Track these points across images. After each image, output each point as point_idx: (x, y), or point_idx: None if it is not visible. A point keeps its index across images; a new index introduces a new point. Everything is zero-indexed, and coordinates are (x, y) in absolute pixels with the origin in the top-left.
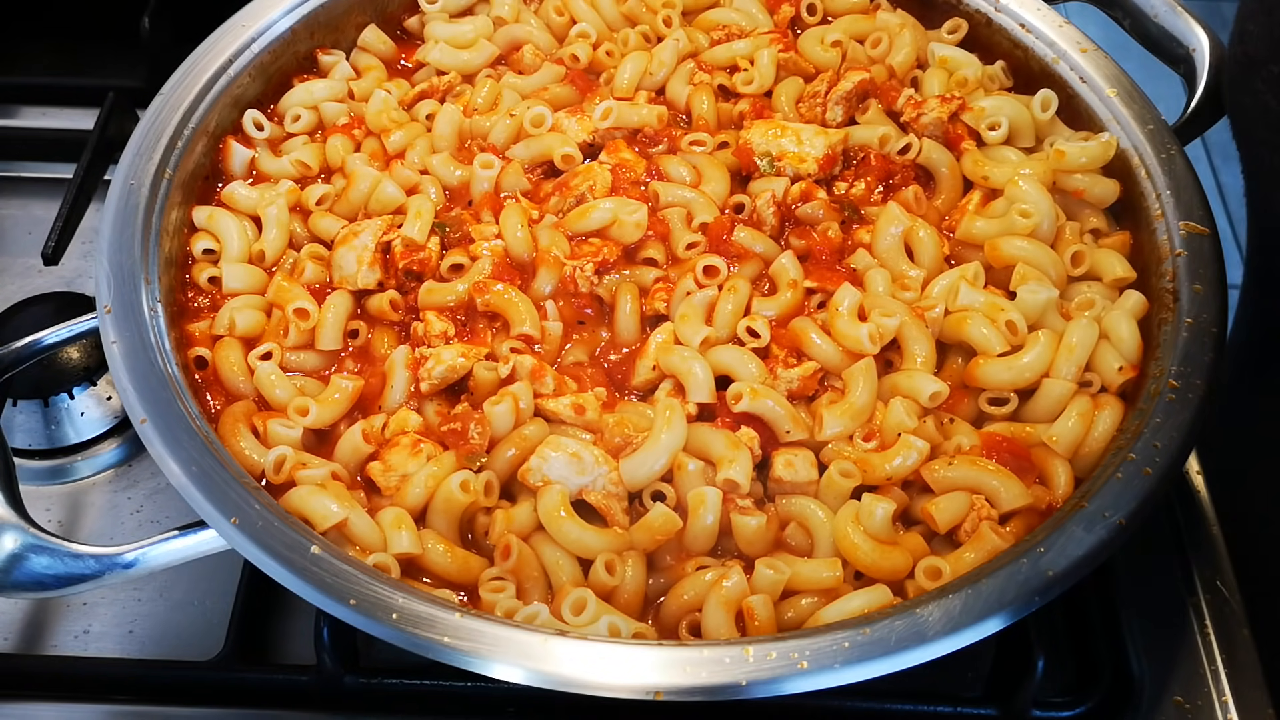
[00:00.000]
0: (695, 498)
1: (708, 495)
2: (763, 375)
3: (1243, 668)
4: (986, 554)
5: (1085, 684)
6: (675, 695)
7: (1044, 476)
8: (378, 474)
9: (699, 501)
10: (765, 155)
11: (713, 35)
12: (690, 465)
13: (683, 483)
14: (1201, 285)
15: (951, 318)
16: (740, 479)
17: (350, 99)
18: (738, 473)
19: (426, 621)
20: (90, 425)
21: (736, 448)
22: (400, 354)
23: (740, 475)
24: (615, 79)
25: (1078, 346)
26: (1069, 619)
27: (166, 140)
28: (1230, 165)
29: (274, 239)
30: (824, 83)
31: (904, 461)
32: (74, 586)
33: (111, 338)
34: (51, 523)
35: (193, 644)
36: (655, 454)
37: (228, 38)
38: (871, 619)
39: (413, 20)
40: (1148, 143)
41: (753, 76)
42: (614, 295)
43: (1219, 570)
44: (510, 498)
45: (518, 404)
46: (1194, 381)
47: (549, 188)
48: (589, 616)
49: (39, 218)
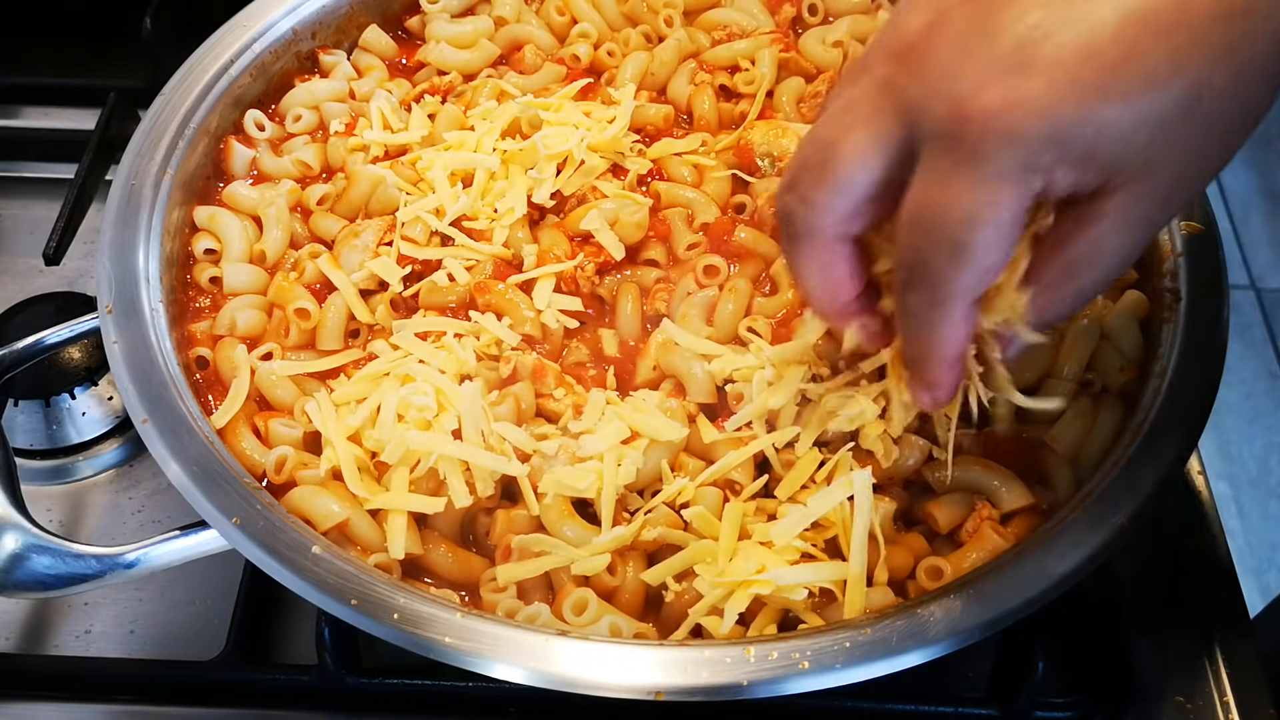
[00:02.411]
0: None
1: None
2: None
3: (1244, 667)
4: (988, 554)
5: (1086, 684)
6: (676, 695)
7: (1045, 477)
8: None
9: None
10: (766, 155)
11: (714, 35)
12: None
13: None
14: (1202, 285)
15: None
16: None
17: (351, 99)
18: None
19: (428, 621)
20: (91, 425)
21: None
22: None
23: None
24: (617, 78)
25: (1078, 347)
26: (1070, 619)
27: (168, 140)
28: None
29: (275, 239)
30: (825, 83)
31: (905, 461)
32: (75, 586)
33: (113, 338)
34: (53, 523)
35: (194, 644)
36: (656, 454)
37: (229, 38)
38: (872, 619)
39: (414, 20)
40: None
41: (753, 76)
42: (615, 295)
43: (1221, 570)
44: (511, 498)
45: (519, 404)
46: (1196, 381)
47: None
48: (590, 617)
49: (40, 218)
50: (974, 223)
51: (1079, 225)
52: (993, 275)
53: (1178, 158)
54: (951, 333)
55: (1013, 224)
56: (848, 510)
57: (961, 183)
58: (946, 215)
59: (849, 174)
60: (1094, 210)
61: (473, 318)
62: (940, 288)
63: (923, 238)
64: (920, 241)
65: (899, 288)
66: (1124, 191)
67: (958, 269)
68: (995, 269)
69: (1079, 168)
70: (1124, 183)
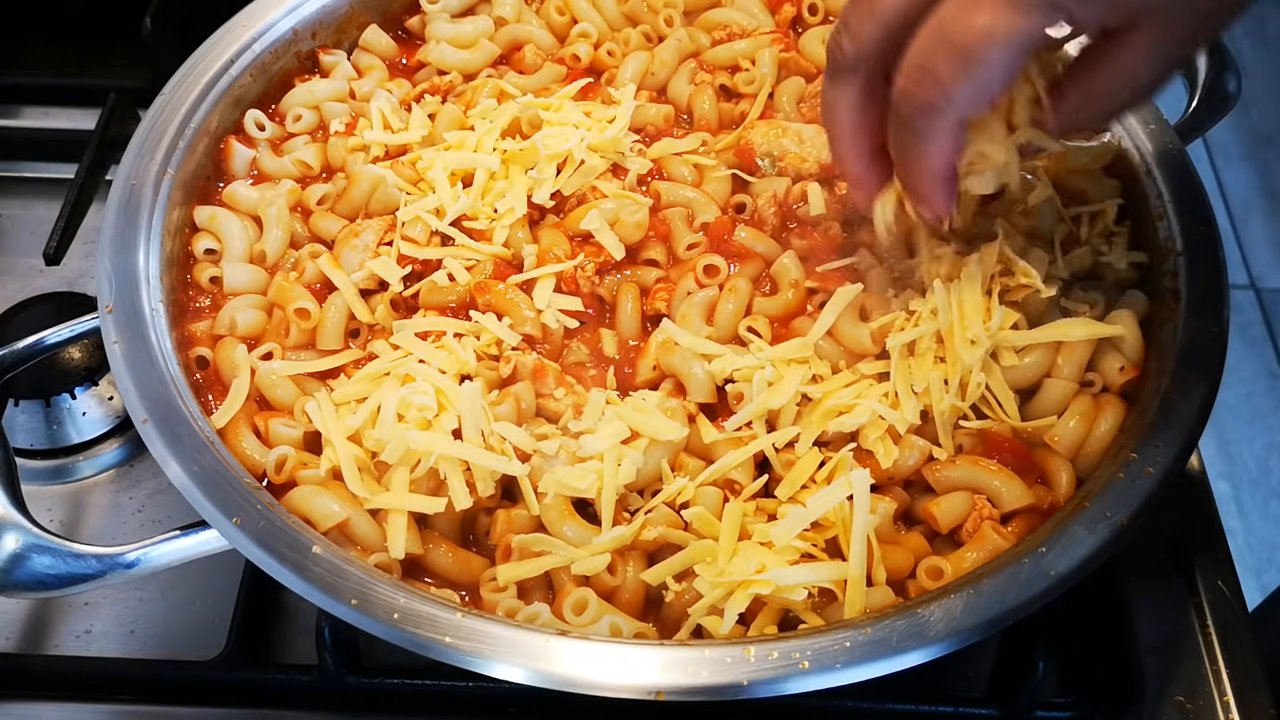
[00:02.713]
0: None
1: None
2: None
3: (1245, 667)
4: (988, 554)
5: (1087, 684)
6: (677, 695)
7: (1046, 476)
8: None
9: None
10: (767, 155)
11: (714, 35)
12: (691, 465)
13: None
14: (1203, 285)
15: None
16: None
17: (351, 99)
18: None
19: (428, 621)
20: (92, 425)
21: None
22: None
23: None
24: (617, 78)
25: (1079, 346)
26: (1071, 619)
27: (168, 140)
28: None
29: (275, 239)
30: None
31: (905, 461)
32: (76, 586)
33: (113, 337)
34: (53, 522)
35: (194, 644)
36: (656, 453)
37: (229, 38)
38: (873, 619)
39: (414, 20)
40: (1149, 142)
41: (754, 76)
42: (615, 295)
43: (1221, 570)
44: (511, 498)
45: (519, 404)
46: (1196, 381)
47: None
48: (590, 616)
49: (41, 218)
50: (990, 39)
51: (1106, 56)
52: (987, 100)
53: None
54: (941, 147)
55: (1023, 51)
56: (847, 510)
57: (990, 4)
58: (966, 26)
59: (889, 3)
60: (1121, 43)
61: (473, 318)
62: (941, 95)
63: (938, 43)
64: (934, 47)
65: (898, 95)
66: (1146, 30)
67: (961, 79)
68: (994, 90)
69: (1103, 7)
70: (1147, 24)
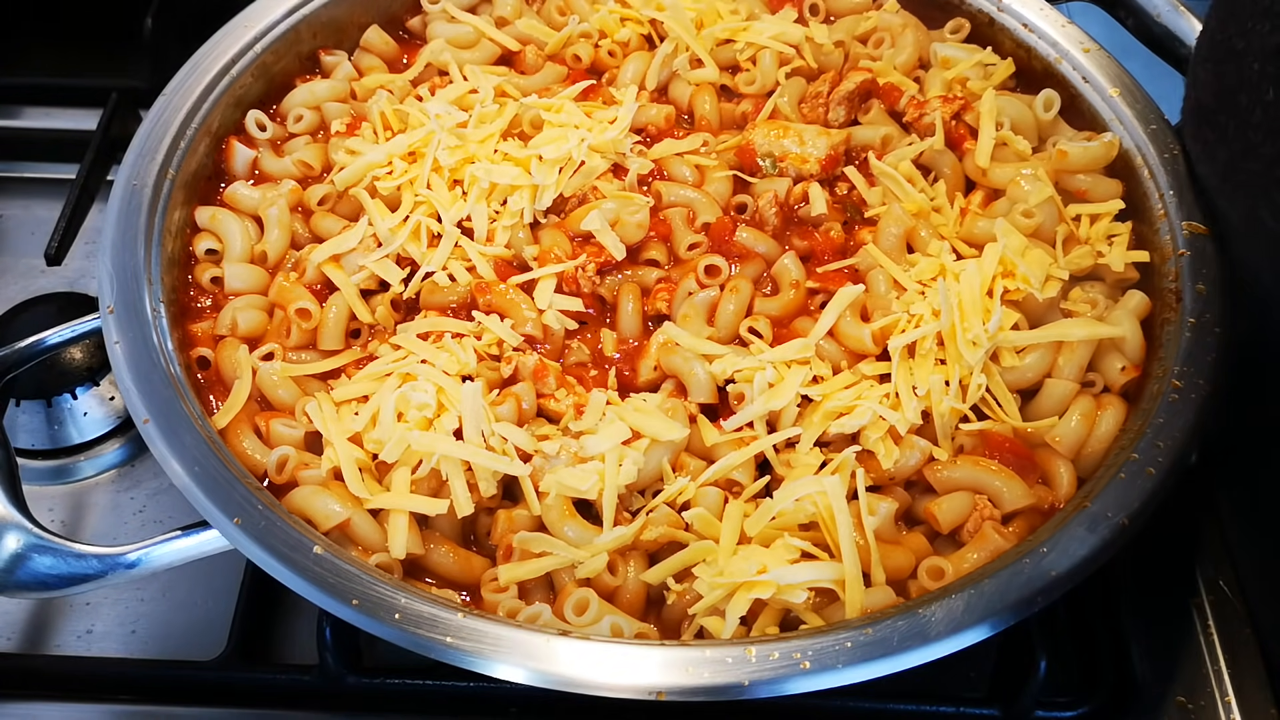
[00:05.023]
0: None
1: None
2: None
3: (1245, 667)
4: (989, 554)
5: (1088, 684)
6: (677, 695)
7: (1046, 477)
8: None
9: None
10: (768, 156)
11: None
12: (692, 465)
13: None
14: (1204, 285)
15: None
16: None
17: (352, 99)
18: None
19: (429, 622)
20: (93, 425)
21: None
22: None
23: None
24: (618, 79)
25: (1080, 347)
26: (1072, 619)
27: (169, 140)
28: None
29: (276, 239)
30: (826, 83)
31: (906, 461)
32: (77, 586)
33: (114, 338)
34: (55, 523)
35: (195, 644)
36: (657, 454)
37: (230, 38)
38: (874, 619)
39: (414, 20)
40: (1150, 143)
41: (754, 77)
42: (616, 295)
43: (1221, 570)
44: (512, 498)
45: (520, 404)
46: (1197, 381)
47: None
48: (591, 617)
49: (42, 218)
50: None
51: None
52: None
53: None
54: None
55: None
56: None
57: None
58: None
59: None
60: None
61: (474, 318)
62: None
63: None
64: None
65: None
66: None
67: None
68: None
69: None
70: None
